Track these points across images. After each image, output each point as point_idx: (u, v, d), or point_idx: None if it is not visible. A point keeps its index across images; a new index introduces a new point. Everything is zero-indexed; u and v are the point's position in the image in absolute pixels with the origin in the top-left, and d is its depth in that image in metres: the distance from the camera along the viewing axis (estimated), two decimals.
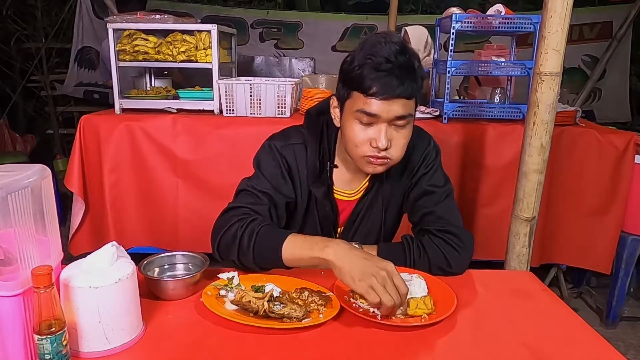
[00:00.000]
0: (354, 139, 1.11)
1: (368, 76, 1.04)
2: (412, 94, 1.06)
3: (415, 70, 1.07)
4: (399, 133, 1.10)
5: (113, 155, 2.34)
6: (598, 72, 4.70)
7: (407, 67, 1.05)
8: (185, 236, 2.41)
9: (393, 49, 1.04)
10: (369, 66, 1.04)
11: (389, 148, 1.10)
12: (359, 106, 1.07)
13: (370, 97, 1.05)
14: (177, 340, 0.90)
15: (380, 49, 1.05)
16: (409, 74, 1.05)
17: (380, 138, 1.07)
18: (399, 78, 1.03)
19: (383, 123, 1.07)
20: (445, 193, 1.25)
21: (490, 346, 0.92)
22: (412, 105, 1.09)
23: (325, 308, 0.98)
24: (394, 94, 1.04)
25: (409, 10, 5.37)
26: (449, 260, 1.17)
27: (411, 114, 1.09)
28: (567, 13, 1.48)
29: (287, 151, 1.23)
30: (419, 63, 1.09)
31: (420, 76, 1.08)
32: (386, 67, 1.03)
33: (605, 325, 2.52)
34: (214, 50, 2.37)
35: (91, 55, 4.90)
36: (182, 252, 1.16)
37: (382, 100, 1.05)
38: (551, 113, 1.57)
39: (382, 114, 1.06)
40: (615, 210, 2.38)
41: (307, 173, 1.23)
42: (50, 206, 0.83)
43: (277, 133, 1.29)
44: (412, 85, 1.05)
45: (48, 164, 0.90)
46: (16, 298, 0.75)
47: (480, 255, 2.47)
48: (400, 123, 1.08)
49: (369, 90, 1.05)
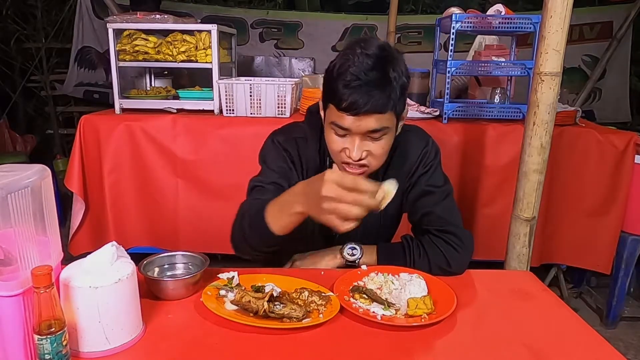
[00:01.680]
0: (331, 147, 1.13)
1: (338, 91, 1.04)
2: (385, 107, 1.04)
3: (390, 83, 1.04)
4: (375, 144, 1.10)
5: (113, 155, 2.34)
6: (598, 72, 4.70)
7: (378, 82, 1.02)
8: (185, 236, 2.41)
9: (365, 64, 1.02)
10: (340, 82, 1.04)
11: (365, 158, 1.10)
12: (333, 119, 1.09)
13: (342, 111, 1.05)
14: (177, 340, 0.90)
15: (353, 62, 1.03)
16: (381, 89, 1.03)
17: (353, 150, 1.08)
18: (368, 94, 1.02)
19: (356, 136, 1.08)
20: (445, 193, 1.26)
21: (490, 346, 0.92)
22: (387, 117, 1.06)
23: (325, 308, 0.98)
24: (364, 109, 1.03)
25: (409, 10, 5.37)
26: (449, 260, 1.17)
27: (387, 127, 1.08)
28: (567, 13, 1.48)
29: (289, 144, 1.25)
30: (397, 72, 1.05)
31: (400, 86, 1.06)
32: (356, 84, 1.02)
33: (605, 325, 2.52)
34: (214, 50, 2.37)
35: (91, 55, 4.90)
36: (182, 252, 1.16)
37: (352, 116, 1.04)
38: (551, 113, 1.57)
39: (352, 129, 1.06)
40: (615, 210, 2.38)
41: (308, 167, 1.25)
42: (50, 206, 0.83)
43: (279, 129, 1.30)
44: (384, 100, 1.03)
45: (48, 164, 0.90)
46: (16, 298, 0.75)
47: (480, 255, 2.47)
48: (375, 135, 1.08)
49: (340, 105, 1.05)
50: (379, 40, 1.08)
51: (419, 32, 5.17)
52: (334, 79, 1.06)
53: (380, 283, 1.09)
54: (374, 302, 1.01)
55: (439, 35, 2.62)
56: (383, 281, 1.10)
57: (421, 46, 5.16)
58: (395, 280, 1.10)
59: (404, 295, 1.03)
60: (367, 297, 1.02)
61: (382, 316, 0.96)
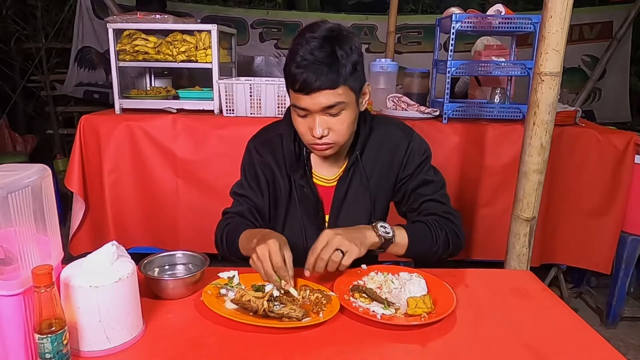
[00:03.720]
0: (299, 130, 1.20)
1: (291, 74, 1.11)
2: (336, 83, 1.10)
3: (337, 60, 1.09)
4: (335, 119, 1.14)
5: (113, 155, 2.34)
6: (598, 72, 4.70)
7: (325, 60, 1.08)
8: (185, 236, 2.41)
9: (312, 45, 1.09)
10: (292, 65, 1.11)
11: (328, 135, 1.15)
12: (293, 101, 1.16)
13: (297, 93, 1.12)
14: (177, 339, 0.90)
15: (301, 45, 1.10)
16: (329, 66, 1.08)
17: (315, 127, 1.14)
18: (316, 72, 1.08)
19: (315, 114, 1.13)
20: (441, 183, 1.32)
21: (490, 346, 0.92)
22: (341, 92, 1.11)
23: (325, 307, 0.98)
24: (314, 87, 1.09)
25: (409, 10, 5.37)
26: (459, 236, 1.25)
27: (341, 102, 1.12)
28: (567, 13, 1.48)
29: (262, 147, 1.32)
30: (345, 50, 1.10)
31: (350, 62, 1.11)
32: (304, 63, 1.09)
33: (605, 325, 2.52)
34: (214, 50, 2.37)
35: (91, 55, 4.90)
36: (182, 252, 1.16)
37: (306, 95, 1.11)
38: (551, 113, 1.57)
39: (309, 107, 1.12)
40: (615, 210, 2.39)
41: (285, 161, 1.29)
42: (50, 206, 0.83)
43: (258, 132, 1.38)
44: (333, 76, 1.09)
45: (48, 164, 0.90)
46: (17, 297, 0.75)
47: (480, 255, 2.50)
48: (332, 111, 1.13)
49: (294, 86, 1.12)
50: (329, 23, 1.14)
51: (419, 32, 5.17)
52: (287, 64, 1.13)
53: (380, 282, 1.09)
54: (374, 302, 1.01)
55: (439, 35, 2.62)
56: (383, 280, 1.10)
57: (421, 46, 5.16)
58: (395, 279, 1.10)
59: (404, 295, 1.03)
60: (367, 296, 1.03)
61: (382, 315, 0.96)
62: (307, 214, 1.31)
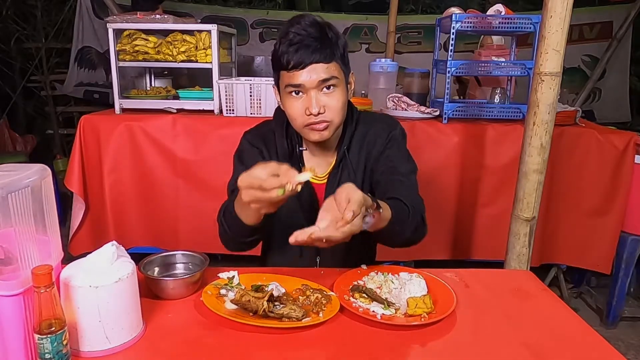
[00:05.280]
0: (292, 113, 1.19)
1: (284, 53, 1.13)
2: (330, 57, 1.13)
3: (328, 36, 1.14)
4: (329, 97, 1.16)
5: (113, 155, 2.34)
6: (598, 72, 4.70)
7: (318, 35, 1.13)
8: (185, 236, 2.41)
9: (302, 24, 1.13)
10: (284, 44, 1.14)
11: (324, 112, 1.16)
12: (286, 82, 1.17)
13: (291, 70, 1.14)
14: (177, 339, 0.90)
15: (292, 27, 1.14)
16: (322, 40, 1.13)
17: (312, 105, 1.14)
18: (310, 46, 1.11)
19: (311, 90, 1.15)
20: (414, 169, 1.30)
21: (490, 346, 0.92)
22: (334, 68, 1.15)
23: (325, 307, 0.98)
24: (310, 60, 1.12)
25: (409, 10, 5.37)
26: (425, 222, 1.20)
27: (335, 77, 1.15)
28: (567, 13, 1.48)
29: (256, 140, 1.33)
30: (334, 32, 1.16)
31: (339, 44, 1.16)
32: (297, 39, 1.12)
33: (605, 325, 2.52)
34: (214, 50, 2.37)
35: (91, 55, 4.90)
36: (182, 252, 1.16)
37: (301, 70, 1.13)
38: (551, 113, 1.57)
39: (305, 83, 1.14)
40: (615, 210, 2.39)
41: (277, 156, 1.30)
42: (50, 206, 0.83)
43: (251, 128, 1.39)
44: (327, 50, 1.13)
45: (48, 164, 0.90)
46: (16, 297, 0.75)
47: (480, 255, 2.50)
48: (327, 86, 1.15)
49: (288, 65, 1.13)
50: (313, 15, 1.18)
51: (419, 32, 5.17)
52: (277, 49, 1.16)
53: (380, 282, 1.09)
54: (374, 302, 1.01)
55: (439, 35, 2.62)
56: (383, 280, 1.10)
57: (421, 46, 5.16)
58: (395, 279, 1.10)
59: (404, 295, 1.03)
60: (367, 296, 1.03)
61: (382, 315, 0.96)
62: (303, 210, 1.30)
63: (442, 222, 2.45)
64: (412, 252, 2.43)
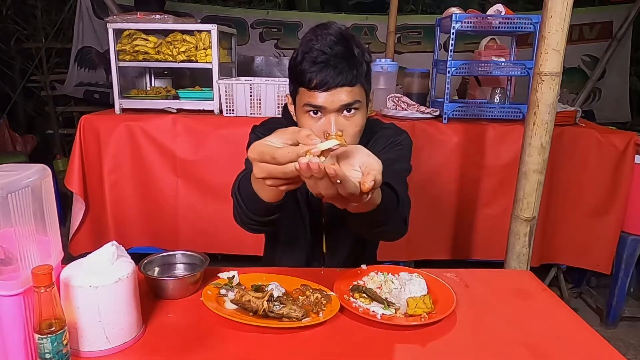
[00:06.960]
0: None
1: (307, 70, 1.06)
2: (354, 81, 1.08)
3: (355, 57, 1.08)
4: (349, 121, 1.11)
5: (113, 155, 2.34)
6: (598, 72, 4.70)
7: (344, 56, 1.06)
8: (185, 236, 2.41)
9: (328, 40, 1.06)
10: (307, 61, 1.06)
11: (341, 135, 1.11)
12: (305, 100, 1.10)
13: (313, 90, 1.07)
14: (177, 339, 0.90)
15: (316, 42, 1.07)
16: (348, 62, 1.06)
17: (331, 128, 1.09)
18: (336, 68, 1.05)
19: (331, 113, 1.09)
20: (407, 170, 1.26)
21: (489, 345, 0.92)
22: (357, 91, 1.09)
23: (325, 307, 0.98)
24: (334, 83, 1.06)
25: (409, 10, 5.37)
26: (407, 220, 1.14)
27: (358, 100, 1.10)
28: (567, 13, 1.48)
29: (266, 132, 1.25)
30: (361, 48, 1.10)
31: (364, 61, 1.09)
32: (322, 58, 1.05)
33: (605, 325, 2.52)
34: (214, 50, 2.37)
35: (91, 55, 4.89)
36: (182, 252, 1.16)
37: (324, 92, 1.07)
38: (551, 113, 1.57)
39: (327, 105, 1.08)
40: (615, 210, 2.39)
41: None
42: (50, 206, 0.83)
43: (259, 123, 1.34)
44: (352, 72, 1.07)
45: (48, 164, 0.90)
46: (16, 297, 0.75)
47: (480, 255, 2.50)
48: (349, 111, 1.10)
49: (310, 83, 1.07)
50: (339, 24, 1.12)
51: (419, 32, 5.17)
52: (299, 62, 1.08)
53: (380, 282, 1.09)
54: (374, 302, 1.01)
55: (439, 35, 2.62)
56: (383, 280, 1.10)
57: (421, 46, 5.16)
58: (395, 279, 1.10)
59: (404, 295, 1.03)
60: (367, 296, 1.03)
61: (382, 315, 0.96)
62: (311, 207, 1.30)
63: (442, 222, 2.45)
64: (412, 252, 2.43)
